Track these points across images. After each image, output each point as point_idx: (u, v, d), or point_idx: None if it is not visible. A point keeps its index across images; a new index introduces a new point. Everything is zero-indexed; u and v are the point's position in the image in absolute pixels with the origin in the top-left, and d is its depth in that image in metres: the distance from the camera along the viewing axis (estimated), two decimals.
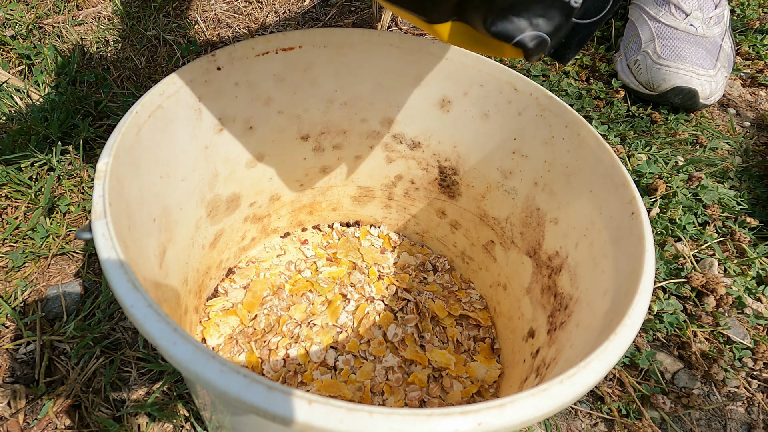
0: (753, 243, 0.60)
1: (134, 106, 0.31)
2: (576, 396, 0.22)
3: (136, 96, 0.69)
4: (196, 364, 0.20)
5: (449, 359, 0.45)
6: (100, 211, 0.25)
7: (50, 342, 0.46)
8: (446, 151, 0.47)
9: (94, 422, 0.42)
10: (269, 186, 0.48)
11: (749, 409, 0.48)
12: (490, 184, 0.46)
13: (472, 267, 0.52)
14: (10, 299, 0.49)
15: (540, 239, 0.42)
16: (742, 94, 0.83)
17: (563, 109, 0.38)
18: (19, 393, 0.43)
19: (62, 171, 0.58)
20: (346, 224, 0.57)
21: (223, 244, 0.47)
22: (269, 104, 0.42)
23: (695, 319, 0.53)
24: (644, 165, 0.65)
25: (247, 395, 0.19)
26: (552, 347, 0.36)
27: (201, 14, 0.83)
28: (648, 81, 0.74)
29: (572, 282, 0.37)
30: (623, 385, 0.48)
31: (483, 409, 0.20)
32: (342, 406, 0.19)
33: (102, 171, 0.27)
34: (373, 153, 0.49)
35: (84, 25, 0.79)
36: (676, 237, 0.60)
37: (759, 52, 0.87)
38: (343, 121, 0.46)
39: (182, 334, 0.21)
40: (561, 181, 0.39)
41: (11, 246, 0.52)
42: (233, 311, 0.47)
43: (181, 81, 0.35)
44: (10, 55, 0.72)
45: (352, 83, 0.44)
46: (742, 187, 0.67)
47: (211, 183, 0.41)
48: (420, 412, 0.19)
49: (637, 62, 0.75)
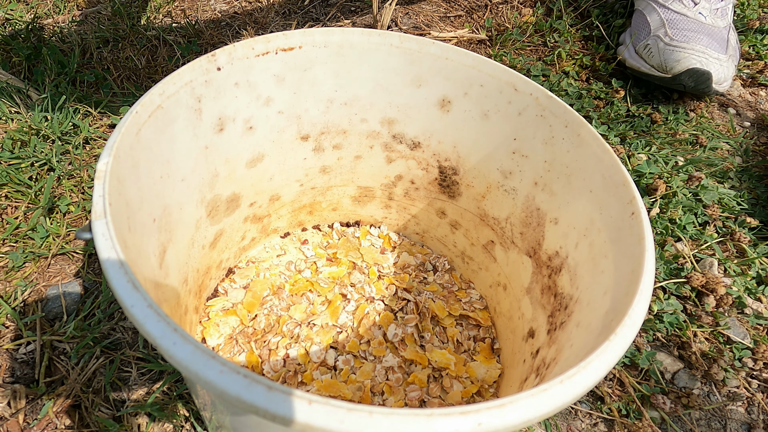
0: (753, 243, 0.60)
1: (134, 106, 0.31)
2: (576, 396, 0.22)
3: (136, 96, 0.69)
4: (196, 364, 0.20)
5: (449, 359, 0.45)
6: (100, 211, 0.25)
7: (50, 342, 0.46)
8: (446, 151, 0.47)
9: (94, 422, 0.42)
10: (269, 186, 0.48)
11: (749, 409, 0.48)
12: (490, 184, 0.46)
13: (472, 267, 0.52)
14: (10, 299, 0.49)
15: (540, 239, 0.42)
16: (742, 94, 0.83)
17: (563, 109, 0.38)
18: (19, 393, 0.43)
19: (62, 171, 0.58)
20: (346, 224, 0.57)
21: (223, 244, 0.47)
22: (269, 104, 0.42)
23: (695, 319, 0.53)
24: (644, 165, 0.65)
25: (248, 395, 0.19)
26: (552, 347, 0.36)
27: (201, 14, 0.83)
28: (660, 63, 0.72)
29: (572, 282, 0.37)
30: (623, 385, 0.48)
31: (483, 409, 0.20)
32: (342, 406, 0.19)
33: (102, 171, 0.27)
34: (373, 153, 0.49)
35: (84, 25, 0.79)
36: (676, 237, 0.60)
37: (759, 52, 0.87)
38: (343, 121, 0.46)
39: (182, 334, 0.21)
40: (561, 181, 0.39)
41: (11, 246, 0.52)
42: (233, 311, 0.47)
43: (182, 81, 0.35)
44: (10, 55, 0.72)
45: (352, 83, 0.44)
46: (742, 187, 0.67)
47: (211, 183, 0.41)
48: (420, 412, 0.19)
49: (648, 46, 0.74)
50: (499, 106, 0.41)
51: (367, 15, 0.86)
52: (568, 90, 0.76)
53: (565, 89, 0.76)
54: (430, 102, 0.44)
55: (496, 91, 0.41)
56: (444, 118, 0.45)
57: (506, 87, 0.40)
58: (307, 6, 0.88)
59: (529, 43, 0.84)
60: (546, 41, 0.84)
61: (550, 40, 0.84)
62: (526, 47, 0.84)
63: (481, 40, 0.84)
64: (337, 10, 0.87)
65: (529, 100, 0.39)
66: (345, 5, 0.88)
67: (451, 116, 0.44)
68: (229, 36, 0.80)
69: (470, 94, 0.42)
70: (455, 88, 0.42)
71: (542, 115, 0.39)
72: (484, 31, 0.85)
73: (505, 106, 0.41)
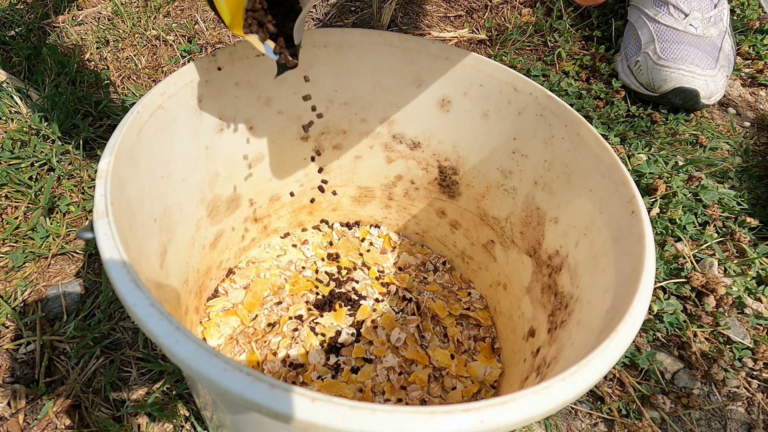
0: (753, 243, 0.60)
1: (135, 106, 0.32)
2: (577, 394, 0.22)
3: (136, 96, 0.69)
4: (199, 363, 0.20)
5: (450, 360, 0.45)
6: (102, 210, 0.25)
7: (50, 342, 0.46)
8: (446, 151, 0.47)
9: (94, 422, 0.42)
10: (269, 186, 0.48)
11: (749, 409, 0.48)
12: (490, 184, 0.46)
13: (472, 267, 0.52)
14: (10, 299, 0.49)
15: (540, 238, 0.42)
16: (742, 94, 0.83)
17: (563, 108, 0.38)
18: (19, 393, 0.43)
19: (62, 171, 0.58)
20: (346, 224, 0.57)
21: (224, 244, 0.47)
22: (269, 104, 0.42)
23: (695, 319, 0.53)
24: (644, 165, 0.65)
25: (251, 393, 0.19)
26: (552, 346, 0.36)
27: (201, 14, 0.83)
28: (649, 82, 0.74)
29: (572, 281, 0.37)
30: (623, 385, 0.48)
31: (485, 407, 0.20)
32: (345, 404, 0.19)
33: (104, 171, 0.27)
34: (373, 153, 0.49)
35: (84, 25, 0.79)
36: (676, 237, 0.60)
37: (759, 52, 0.88)
38: (343, 121, 0.46)
39: (185, 332, 0.21)
40: (561, 181, 0.39)
41: (11, 246, 0.52)
42: (233, 311, 0.47)
43: (182, 81, 0.35)
44: (10, 55, 0.72)
45: (352, 83, 0.44)
46: (742, 187, 0.67)
47: (211, 183, 0.41)
48: (423, 410, 0.19)
49: (638, 63, 0.75)
50: (498, 106, 0.41)
51: (367, 15, 0.86)
52: (568, 90, 0.76)
53: (565, 89, 0.76)
54: (429, 102, 0.44)
55: (496, 91, 0.41)
56: (444, 117, 0.45)
57: (506, 87, 0.40)
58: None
59: (529, 43, 0.84)
60: (546, 41, 0.84)
61: (550, 40, 0.84)
62: (526, 47, 0.84)
63: (481, 40, 0.84)
64: (337, 10, 0.87)
65: (528, 100, 0.39)
66: (345, 5, 0.88)
67: (451, 116, 0.44)
68: (229, 36, 0.80)
69: (470, 93, 0.42)
70: (455, 88, 0.42)
71: (542, 114, 0.39)
72: (484, 31, 0.85)
73: (505, 106, 0.41)
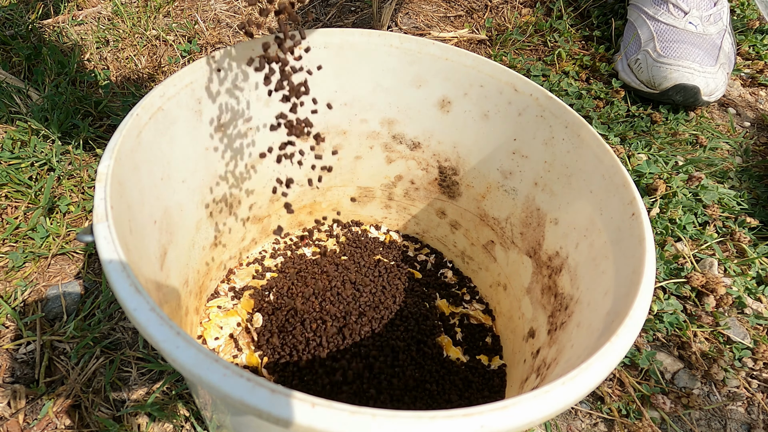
0: (753, 243, 0.60)
1: (135, 108, 0.31)
2: (578, 398, 0.22)
3: (136, 96, 0.69)
4: (199, 368, 0.20)
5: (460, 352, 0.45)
6: (101, 213, 0.25)
7: (50, 342, 0.46)
8: (446, 152, 0.47)
9: (94, 422, 0.42)
10: (269, 186, 0.48)
11: (749, 409, 0.48)
12: (490, 185, 0.46)
13: (472, 267, 0.52)
14: (10, 299, 0.49)
15: (540, 239, 0.42)
16: (742, 94, 0.83)
17: (563, 109, 0.38)
18: (19, 393, 0.43)
19: (62, 171, 0.58)
20: (346, 224, 0.57)
21: (224, 244, 0.47)
22: (269, 105, 0.42)
23: (695, 319, 0.53)
24: (644, 165, 0.65)
25: (251, 399, 0.19)
26: (552, 347, 0.36)
27: (201, 14, 0.83)
28: (649, 79, 0.73)
29: (573, 282, 0.37)
30: (623, 385, 0.48)
31: (486, 411, 0.20)
32: (345, 409, 0.19)
33: (103, 174, 0.27)
34: (373, 153, 0.49)
35: (84, 25, 0.79)
36: (676, 237, 0.60)
37: (759, 52, 0.87)
38: (343, 121, 0.46)
39: (185, 337, 0.21)
40: (561, 182, 0.39)
41: (11, 246, 0.52)
42: (233, 312, 0.47)
43: (182, 82, 0.35)
44: (10, 55, 0.72)
45: (352, 83, 0.44)
46: (742, 187, 0.67)
47: (211, 184, 0.41)
48: (423, 414, 0.19)
49: (638, 61, 0.75)
50: (499, 107, 0.41)
51: (367, 15, 0.85)
52: (568, 90, 0.76)
53: (565, 89, 0.76)
54: (430, 102, 0.44)
55: (496, 92, 0.41)
56: (444, 118, 0.45)
57: (506, 87, 0.40)
58: (307, 6, 0.88)
59: (529, 43, 0.84)
60: (546, 41, 0.84)
61: (550, 40, 0.84)
62: (526, 47, 0.84)
63: (481, 40, 0.84)
64: (337, 10, 0.87)
65: (529, 101, 0.39)
66: (345, 5, 0.88)
67: (451, 117, 0.44)
68: (229, 36, 0.80)
69: (470, 94, 0.42)
70: (455, 89, 0.42)
71: (542, 115, 0.39)
72: (484, 31, 0.85)
73: (505, 107, 0.41)
